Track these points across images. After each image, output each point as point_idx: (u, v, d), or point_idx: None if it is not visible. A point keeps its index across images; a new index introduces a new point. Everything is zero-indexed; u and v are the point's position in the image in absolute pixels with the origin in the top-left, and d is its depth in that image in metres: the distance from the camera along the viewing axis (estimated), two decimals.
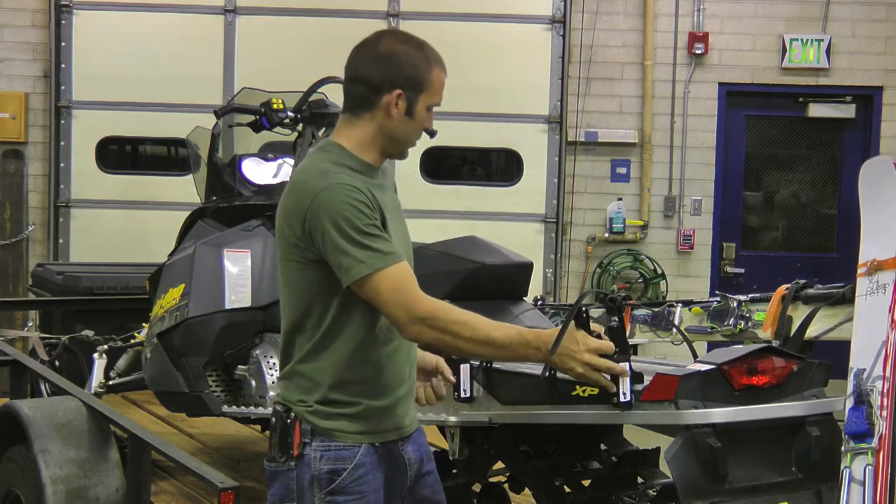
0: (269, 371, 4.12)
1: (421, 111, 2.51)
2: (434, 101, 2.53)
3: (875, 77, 8.54)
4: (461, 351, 2.50)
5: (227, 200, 4.53)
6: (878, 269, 2.93)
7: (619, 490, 3.38)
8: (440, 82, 2.53)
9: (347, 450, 2.48)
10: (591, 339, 2.45)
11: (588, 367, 2.44)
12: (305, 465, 2.49)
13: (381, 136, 2.51)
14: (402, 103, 2.48)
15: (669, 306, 4.12)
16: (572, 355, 2.42)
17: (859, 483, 2.74)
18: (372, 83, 2.48)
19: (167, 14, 8.41)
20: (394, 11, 8.33)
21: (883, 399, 2.76)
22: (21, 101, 8.42)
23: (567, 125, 8.41)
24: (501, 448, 3.40)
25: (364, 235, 2.36)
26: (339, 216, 2.36)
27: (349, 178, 2.43)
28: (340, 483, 2.47)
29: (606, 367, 2.48)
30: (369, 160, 2.52)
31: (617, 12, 8.55)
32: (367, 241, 2.36)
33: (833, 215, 8.80)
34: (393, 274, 2.37)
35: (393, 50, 2.48)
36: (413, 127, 2.52)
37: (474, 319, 2.41)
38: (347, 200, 2.37)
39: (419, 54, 2.50)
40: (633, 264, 8.51)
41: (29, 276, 7.29)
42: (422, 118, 2.52)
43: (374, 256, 2.36)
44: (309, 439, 2.49)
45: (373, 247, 2.36)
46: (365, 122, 2.51)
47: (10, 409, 3.80)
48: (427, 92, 2.50)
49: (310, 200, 2.39)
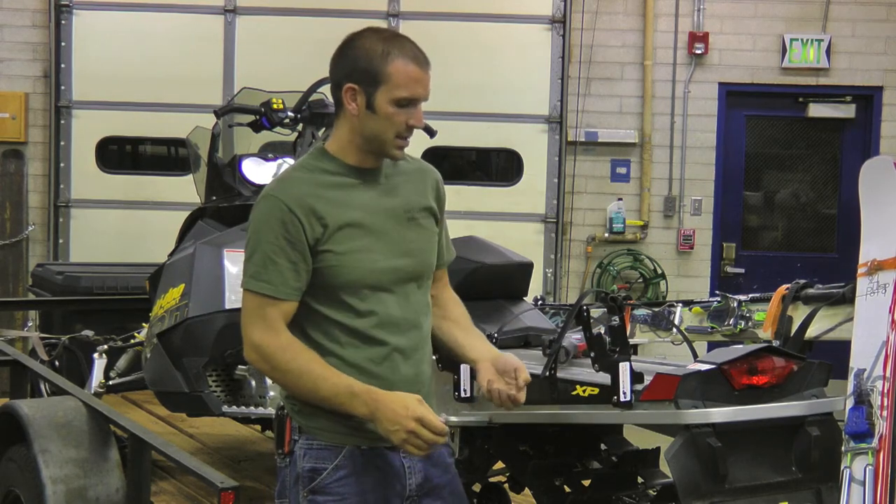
0: None
1: (383, 105, 2.42)
2: (399, 94, 2.41)
3: (875, 77, 8.54)
4: (293, 388, 2.46)
5: (227, 200, 4.53)
6: (878, 269, 2.93)
7: (619, 490, 3.38)
8: (404, 74, 2.41)
9: (329, 450, 2.47)
10: (421, 407, 2.34)
11: (411, 434, 2.32)
12: (293, 461, 2.49)
13: (353, 135, 2.48)
14: (361, 98, 2.43)
15: (669, 306, 4.11)
16: (397, 420, 2.32)
17: (859, 483, 2.74)
18: (333, 81, 2.49)
19: (167, 14, 8.41)
20: (394, 11, 8.33)
21: (883, 399, 2.76)
22: (21, 101, 8.41)
23: (567, 125, 8.40)
24: (501, 448, 3.40)
25: (254, 253, 2.42)
26: (251, 226, 2.44)
27: (295, 186, 2.44)
28: (320, 482, 2.46)
29: (429, 439, 2.33)
30: (351, 161, 2.50)
31: (617, 12, 8.55)
32: (252, 258, 2.42)
33: (833, 215, 8.80)
34: (254, 303, 2.41)
35: (351, 45, 2.46)
36: (381, 123, 2.43)
37: (307, 368, 2.39)
38: (264, 214, 2.42)
39: (378, 47, 2.42)
40: (633, 264, 8.51)
41: (29, 276, 7.28)
42: (388, 113, 2.42)
43: (246, 276, 2.43)
44: (297, 437, 2.49)
45: (253, 264, 2.42)
46: (340, 123, 2.51)
47: (10, 409, 3.80)
48: (386, 84, 2.40)
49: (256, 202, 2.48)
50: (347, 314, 2.46)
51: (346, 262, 2.44)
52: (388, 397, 2.36)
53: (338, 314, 2.46)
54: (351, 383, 2.39)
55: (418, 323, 2.57)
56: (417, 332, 2.57)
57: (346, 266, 2.44)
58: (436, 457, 2.58)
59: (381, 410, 2.34)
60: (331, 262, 2.43)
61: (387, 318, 2.49)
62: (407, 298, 2.54)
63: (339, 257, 2.43)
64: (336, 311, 2.46)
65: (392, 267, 2.50)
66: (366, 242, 2.46)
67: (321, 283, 2.44)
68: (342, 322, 2.46)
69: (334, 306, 2.46)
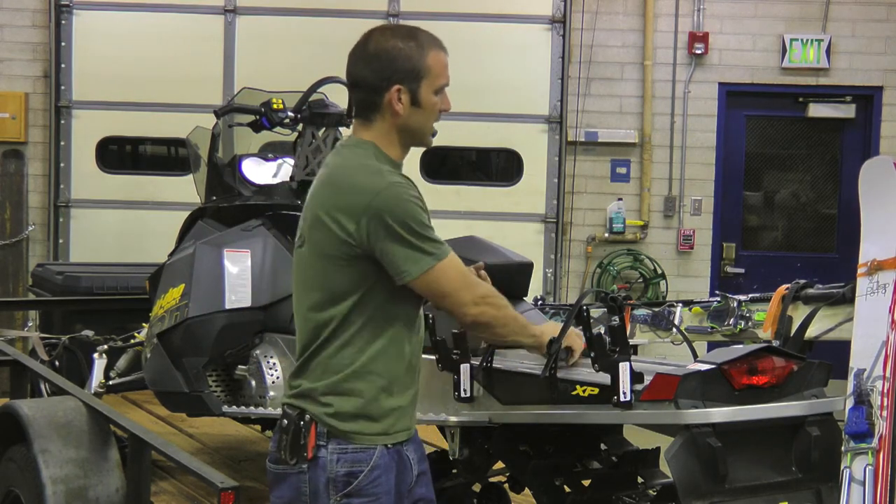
0: (269, 371, 4.12)
1: (427, 98, 2.52)
2: (439, 83, 2.53)
3: (875, 77, 8.54)
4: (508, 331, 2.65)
5: (227, 200, 4.53)
6: (878, 269, 2.93)
7: (619, 490, 3.38)
8: (440, 63, 2.53)
9: (364, 452, 2.49)
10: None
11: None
12: (321, 467, 2.48)
13: (397, 132, 2.54)
14: (405, 97, 2.50)
15: (669, 306, 4.11)
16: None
17: (859, 483, 2.74)
18: (370, 86, 2.50)
19: (167, 14, 8.41)
20: (394, 11, 8.33)
21: (883, 399, 2.76)
22: (21, 101, 8.41)
23: (567, 125, 8.41)
24: (501, 448, 3.40)
25: (427, 229, 2.46)
26: (404, 214, 2.43)
27: (397, 175, 2.50)
28: (357, 485, 2.48)
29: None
30: (394, 157, 2.57)
31: (617, 12, 8.55)
32: (430, 235, 2.47)
33: (833, 215, 8.79)
34: (455, 262, 2.50)
35: (382, 47, 2.49)
36: (425, 115, 2.54)
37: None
38: (409, 199, 2.45)
39: (409, 44, 2.49)
40: (633, 264, 8.51)
41: (29, 276, 7.29)
42: (431, 104, 2.53)
43: (438, 248, 2.47)
44: (325, 442, 2.49)
45: (435, 240, 2.47)
46: (378, 123, 2.54)
47: (10, 409, 3.80)
48: (427, 78, 2.50)
49: (370, 198, 2.43)
50: (408, 313, 2.56)
51: None
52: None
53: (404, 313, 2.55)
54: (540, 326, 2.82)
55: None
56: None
57: None
58: (420, 444, 2.71)
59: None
60: None
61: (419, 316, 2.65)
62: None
63: None
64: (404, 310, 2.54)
65: None
66: None
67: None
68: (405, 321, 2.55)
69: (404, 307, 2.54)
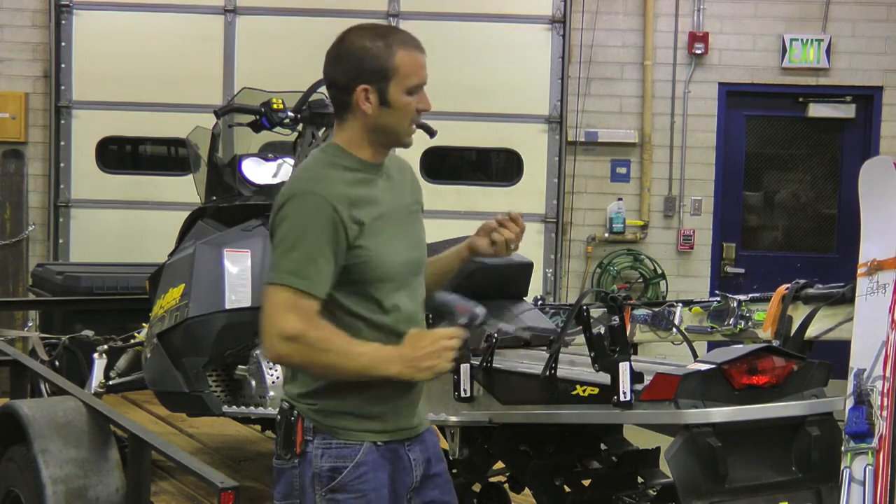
0: (269, 371, 4.11)
1: (397, 98, 2.48)
2: (410, 82, 2.49)
3: (875, 77, 8.54)
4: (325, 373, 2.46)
5: (227, 200, 4.53)
6: (878, 269, 2.93)
7: (619, 490, 3.38)
8: (410, 63, 2.48)
9: (349, 447, 2.49)
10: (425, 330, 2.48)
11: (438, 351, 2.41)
12: (307, 462, 2.50)
13: (368, 131, 2.52)
14: (374, 97, 2.48)
15: (669, 306, 4.12)
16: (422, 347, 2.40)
17: (859, 483, 2.74)
18: (340, 86, 2.51)
19: (167, 14, 8.41)
20: (394, 11, 8.33)
21: (883, 399, 2.77)
22: (21, 101, 8.41)
23: (567, 125, 8.40)
24: (501, 448, 3.40)
25: (287, 251, 2.39)
26: (281, 225, 2.41)
27: (332, 185, 2.45)
28: (341, 481, 2.48)
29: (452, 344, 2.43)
30: (365, 157, 2.54)
31: (617, 12, 8.55)
32: (287, 255, 2.39)
33: (833, 215, 8.79)
34: (285, 295, 2.38)
35: (352, 48, 2.50)
36: (397, 115, 2.50)
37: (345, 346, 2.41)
38: (298, 214, 2.41)
39: (377, 43, 2.48)
40: (633, 264, 8.51)
41: (29, 276, 7.29)
42: (402, 104, 2.49)
43: (281, 272, 2.39)
44: (311, 437, 2.50)
45: (289, 262, 2.38)
46: (350, 123, 2.54)
47: (10, 409, 3.80)
48: (396, 78, 2.47)
49: (280, 202, 2.45)
50: (374, 310, 2.50)
51: (377, 257, 2.48)
52: (404, 351, 2.42)
53: (365, 310, 2.50)
54: (377, 348, 2.44)
55: (421, 314, 2.64)
56: (419, 323, 2.62)
57: (377, 261, 2.48)
58: (431, 446, 2.66)
59: (406, 352, 2.41)
60: (364, 258, 2.46)
61: (404, 313, 2.55)
62: (415, 291, 2.61)
63: (370, 252, 2.47)
64: (363, 307, 2.50)
65: (408, 259, 2.57)
66: (390, 236, 2.52)
67: (353, 279, 2.48)
68: (368, 318, 2.50)
69: (362, 302, 2.49)
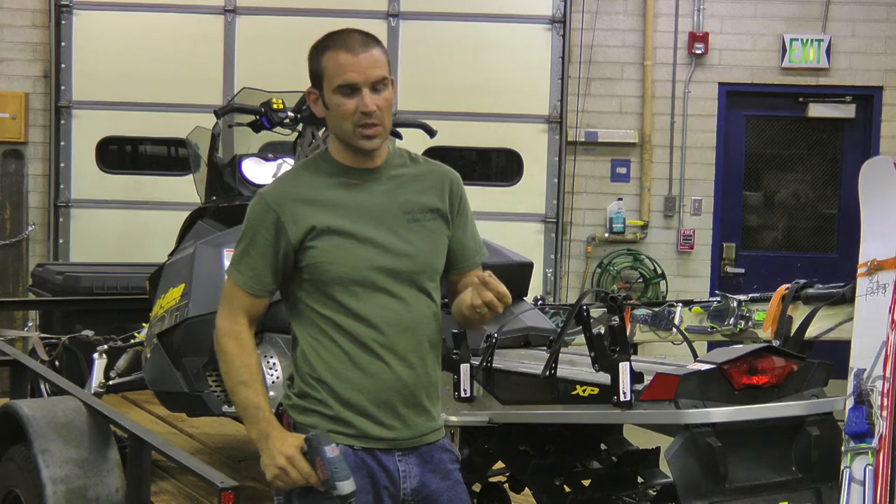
0: (269, 371, 4.11)
1: (329, 99, 2.50)
2: (334, 83, 2.48)
3: (875, 77, 8.54)
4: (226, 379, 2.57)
5: (227, 200, 4.53)
6: (878, 269, 2.93)
7: (619, 490, 3.38)
8: (334, 64, 2.48)
9: None
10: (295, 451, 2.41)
11: (281, 471, 2.41)
12: None
13: (334, 134, 2.59)
14: (319, 100, 2.55)
15: (669, 306, 4.12)
16: (272, 455, 2.42)
17: (859, 483, 2.74)
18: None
19: (167, 14, 8.41)
20: (394, 11, 8.33)
21: (883, 399, 2.77)
22: (21, 101, 8.41)
23: (567, 125, 8.41)
24: (501, 448, 3.40)
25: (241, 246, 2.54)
26: (246, 220, 2.55)
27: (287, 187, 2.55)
28: None
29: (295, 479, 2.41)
30: (347, 162, 2.57)
31: (617, 12, 8.55)
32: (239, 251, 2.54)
33: (833, 215, 8.80)
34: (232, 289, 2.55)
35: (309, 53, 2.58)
36: (336, 116, 2.51)
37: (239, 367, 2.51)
38: (251, 214, 2.53)
39: (316, 47, 2.54)
40: (633, 264, 8.51)
41: (29, 276, 7.28)
42: (334, 105, 2.49)
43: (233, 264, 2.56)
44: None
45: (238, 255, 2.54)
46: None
47: (10, 409, 3.80)
48: (325, 79, 2.51)
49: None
50: (337, 311, 2.50)
51: (333, 259, 2.48)
52: (277, 433, 2.45)
53: (328, 310, 2.51)
54: (260, 405, 2.47)
55: (417, 325, 2.55)
56: (413, 334, 2.54)
57: (333, 262, 2.48)
58: (434, 462, 2.58)
59: (267, 443, 2.44)
60: (317, 259, 2.48)
61: (381, 318, 2.49)
62: (405, 300, 2.53)
63: (325, 253, 2.48)
64: (326, 307, 2.51)
65: (386, 266, 2.51)
66: (356, 240, 2.49)
67: (311, 279, 2.51)
68: (331, 318, 2.50)
69: (326, 303, 2.51)
